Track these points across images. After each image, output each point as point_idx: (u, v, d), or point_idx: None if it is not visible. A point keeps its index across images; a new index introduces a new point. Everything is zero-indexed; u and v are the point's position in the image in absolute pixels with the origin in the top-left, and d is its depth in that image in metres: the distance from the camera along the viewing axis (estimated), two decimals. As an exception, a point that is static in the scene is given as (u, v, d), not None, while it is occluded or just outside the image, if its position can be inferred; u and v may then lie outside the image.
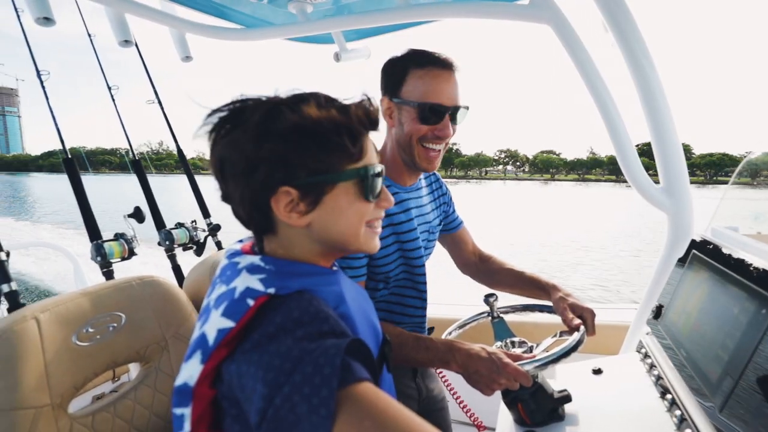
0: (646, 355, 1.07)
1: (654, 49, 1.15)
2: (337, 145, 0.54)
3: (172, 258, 1.58)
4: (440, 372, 1.29)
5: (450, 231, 1.31)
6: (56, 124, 1.45)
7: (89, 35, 1.64)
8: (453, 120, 0.99)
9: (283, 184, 0.53)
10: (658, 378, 0.95)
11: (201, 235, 1.64)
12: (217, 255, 1.41)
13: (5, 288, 1.04)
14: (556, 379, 1.08)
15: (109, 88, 1.65)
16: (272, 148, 0.52)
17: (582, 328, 0.99)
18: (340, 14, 1.66)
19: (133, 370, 2.21)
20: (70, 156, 1.41)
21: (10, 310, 1.04)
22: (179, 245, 1.58)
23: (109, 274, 1.35)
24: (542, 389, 0.91)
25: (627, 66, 1.14)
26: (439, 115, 0.96)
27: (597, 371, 1.09)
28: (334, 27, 1.61)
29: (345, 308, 0.57)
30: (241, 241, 0.66)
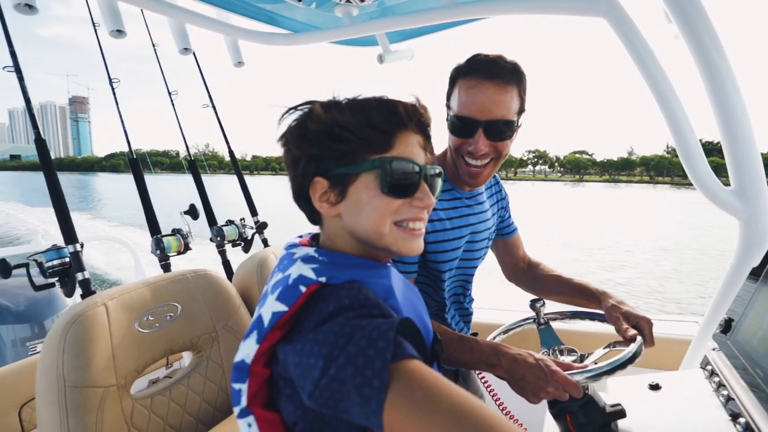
0: (712, 373, 0.98)
1: (725, 38, 1.05)
2: (359, 138, 0.56)
3: (222, 253, 1.66)
4: (482, 376, 1.26)
5: (503, 236, 1.27)
6: (124, 128, 1.58)
7: (153, 45, 1.77)
8: (489, 135, 0.92)
9: (315, 175, 0.58)
10: (728, 399, 0.86)
11: (249, 233, 1.71)
12: (264, 252, 1.46)
13: (80, 276, 1.13)
14: (607, 393, 1.01)
15: (170, 93, 1.77)
16: (307, 143, 0.58)
17: (639, 338, 0.92)
18: (384, 16, 1.67)
19: (185, 357, 2.34)
20: (135, 157, 1.53)
21: (83, 296, 1.14)
22: (229, 241, 1.65)
23: (166, 267, 1.44)
24: (593, 402, 0.86)
25: (694, 58, 1.05)
26: (469, 128, 0.92)
27: (654, 386, 1.01)
28: (380, 29, 1.62)
29: (394, 301, 0.57)
30: (300, 236, 0.70)
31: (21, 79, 1.17)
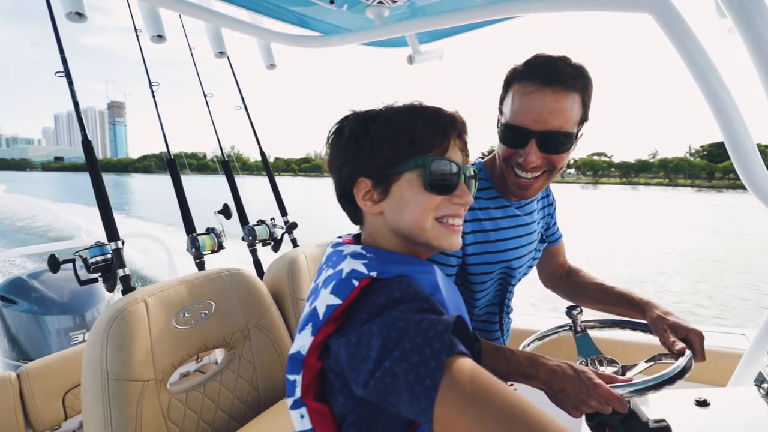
0: None
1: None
2: (398, 140, 0.61)
3: (254, 252, 1.70)
4: (513, 387, 1.22)
5: (547, 244, 1.21)
6: (162, 129, 1.63)
7: (190, 49, 1.83)
8: (543, 147, 0.84)
9: (360, 175, 0.62)
10: None
11: (278, 232, 1.73)
12: (294, 252, 1.48)
13: (121, 272, 1.18)
14: (649, 407, 0.96)
15: (205, 96, 1.83)
16: (353, 146, 0.62)
17: (688, 352, 0.86)
18: (415, 17, 1.66)
19: (215, 352, 2.40)
20: (172, 157, 1.58)
21: (123, 292, 1.18)
22: (260, 241, 1.68)
23: (200, 265, 1.48)
24: (636, 416, 0.81)
25: (750, 54, 0.98)
26: (521, 139, 0.84)
27: (702, 403, 0.95)
28: (410, 29, 1.61)
29: (440, 296, 0.59)
30: (340, 236, 0.72)
31: (70, 83, 1.23)
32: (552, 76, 0.81)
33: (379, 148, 0.61)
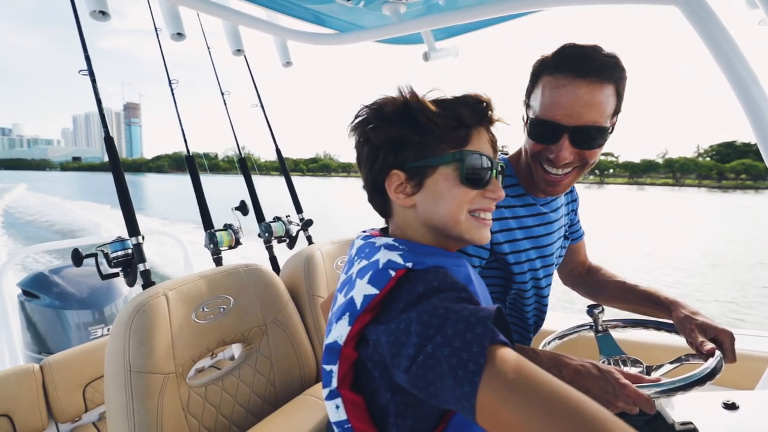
0: None
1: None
2: (437, 133, 0.60)
3: (269, 249, 1.70)
4: None
5: (570, 242, 1.18)
6: (181, 125, 1.65)
7: (208, 47, 1.85)
8: (576, 142, 0.81)
9: (393, 168, 0.62)
10: None
11: (294, 229, 1.74)
12: (311, 248, 1.48)
13: (141, 267, 1.19)
14: (674, 409, 0.93)
15: (222, 94, 1.84)
16: (386, 138, 0.62)
17: (718, 353, 0.84)
18: (431, 13, 1.65)
19: (230, 348, 2.42)
20: (190, 155, 1.60)
21: (144, 287, 1.19)
22: (275, 237, 1.69)
23: (218, 261, 1.49)
24: (661, 418, 0.79)
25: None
26: (553, 134, 0.80)
27: (730, 405, 0.92)
28: (426, 26, 1.59)
29: (473, 288, 0.59)
30: (364, 231, 0.71)
31: (93, 81, 1.25)
32: (586, 67, 0.76)
33: (417, 139, 0.60)
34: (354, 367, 0.56)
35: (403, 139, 0.61)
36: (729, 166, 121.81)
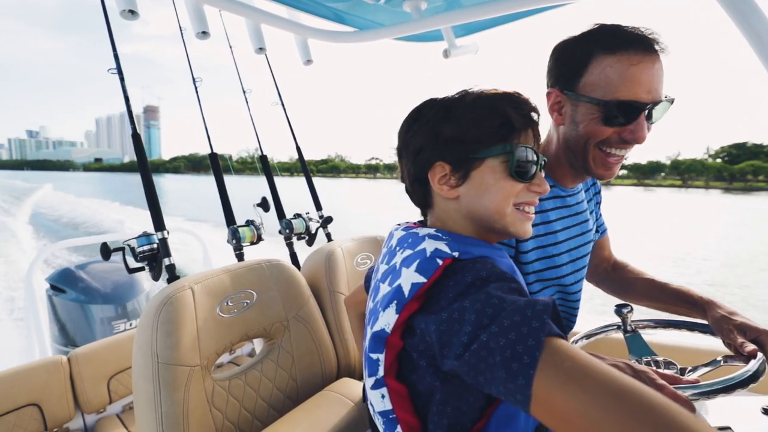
0: None
1: None
2: (484, 127, 0.60)
3: (290, 246, 1.71)
4: None
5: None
6: (204, 122, 1.67)
7: (230, 46, 1.87)
8: (650, 118, 0.77)
9: (438, 159, 0.62)
10: None
11: (313, 226, 1.74)
12: (331, 245, 1.48)
13: (166, 261, 1.20)
14: (708, 414, 0.89)
15: (244, 92, 1.86)
16: (433, 129, 0.62)
17: (760, 355, 0.80)
18: (451, 9, 1.63)
19: (248, 345, 2.44)
20: (214, 152, 1.62)
21: (169, 281, 1.20)
22: (296, 234, 1.70)
23: (240, 257, 1.50)
24: None
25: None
26: (632, 114, 0.75)
27: None
28: (447, 22, 1.57)
29: (518, 279, 0.58)
30: (399, 223, 0.72)
31: (122, 79, 1.27)
32: (650, 42, 0.74)
33: (462, 133, 0.61)
34: (398, 356, 0.56)
35: (451, 131, 0.61)
36: (737, 168, 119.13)
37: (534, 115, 0.64)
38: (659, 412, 0.34)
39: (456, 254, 0.55)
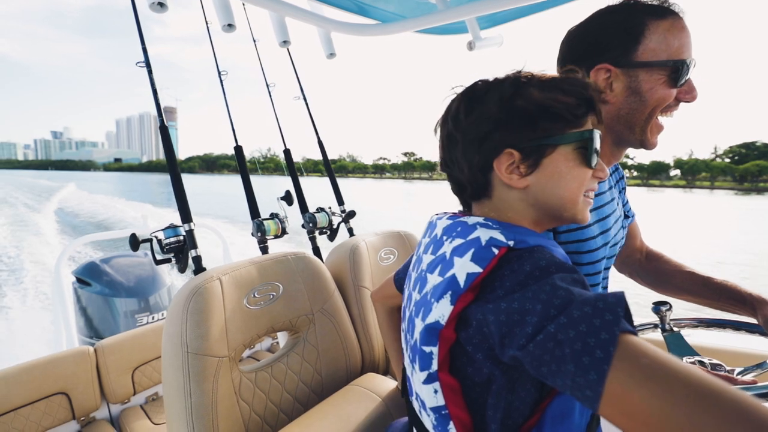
0: None
1: None
2: (557, 112, 0.56)
3: (313, 240, 1.70)
4: None
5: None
6: (229, 115, 1.67)
7: (254, 41, 1.87)
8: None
9: (507, 147, 0.56)
10: None
11: (336, 221, 1.72)
12: (355, 239, 1.45)
13: (193, 253, 1.20)
14: None
15: (267, 86, 1.86)
16: (501, 116, 0.56)
17: None
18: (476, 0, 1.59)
19: (268, 340, 2.44)
20: (239, 145, 1.62)
21: (195, 272, 1.20)
22: (318, 228, 1.68)
23: (264, 250, 1.49)
24: None
25: None
26: (686, 73, 0.77)
27: None
28: (471, 13, 1.54)
29: (578, 270, 0.54)
30: (438, 213, 0.68)
31: (150, 72, 1.27)
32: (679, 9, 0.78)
33: (537, 117, 0.55)
34: (450, 350, 0.53)
35: (524, 116, 0.56)
36: (743, 168, 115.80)
37: (597, 95, 0.60)
38: (756, 416, 0.31)
39: (511, 243, 0.52)
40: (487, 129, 0.57)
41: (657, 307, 1.02)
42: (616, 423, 0.38)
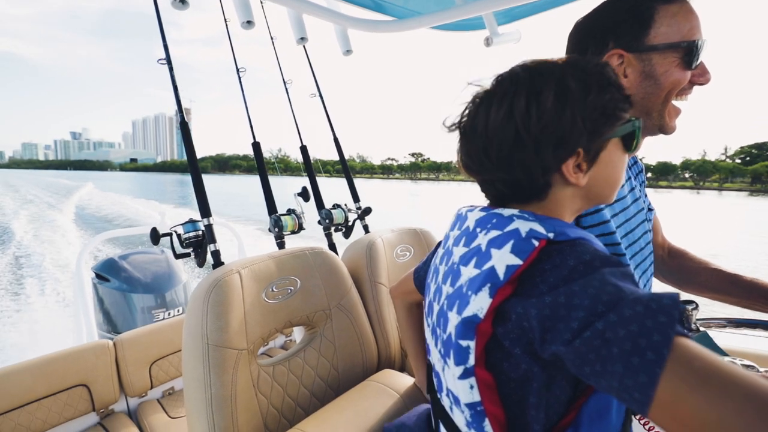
0: None
1: None
2: (622, 107, 0.54)
3: (329, 236, 1.69)
4: None
5: None
6: (247, 111, 1.67)
7: (272, 38, 1.88)
8: None
9: (579, 147, 0.53)
10: None
11: (351, 217, 1.72)
12: (371, 236, 1.44)
13: (212, 247, 1.20)
14: None
15: (285, 83, 1.86)
16: (581, 111, 0.51)
17: None
18: (495, -6, 1.56)
19: (281, 337, 2.45)
20: (256, 141, 1.62)
21: (214, 267, 1.20)
22: (334, 225, 1.67)
23: (281, 245, 1.49)
24: None
25: None
26: (699, 54, 0.76)
27: None
28: (489, 8, 1.51)
29: (624, 263, 0.52)
30: (466, 206, 0.66)
31: (171, 68, 1.28)
32: None
33: (610, 115, 0.52)
34: (485, 345, 0.51)
35: (601, 111, 0.52)
36: (751, 169, 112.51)
37: None
38: None
39: (551, 235, 0.49)
40: (568, 127, 0.51)
41: (682, 305, 0.99)
42: (667, 428, 0.36)
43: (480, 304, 0.50)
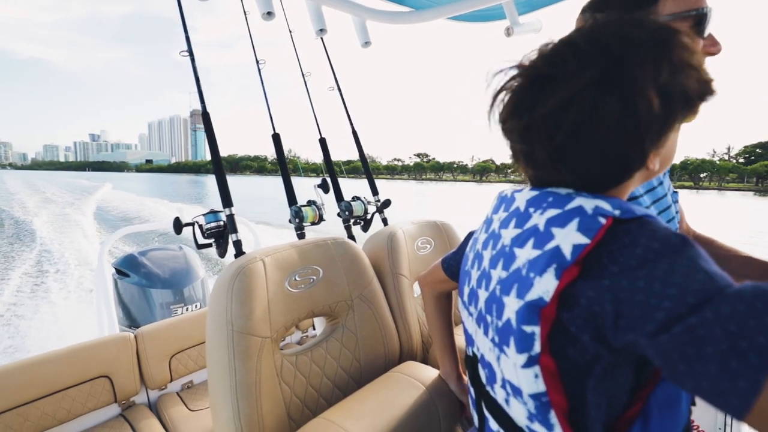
0: None
1: None
2: (690, 78, 0.47)
3: (348, 228, 1.67)
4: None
5: None
6: (267, 104, 1.66)
7: (290, 31, 1.86)
8: None
9: (670, 131, 0.48)
10: None
11: (371, 210, 1.69)
12: (392, 227, 1.42)
13: (233, 237, 1.19)
14: None
15: (303, 75, 1.85)
16: (671, 102, 0.45)
17: None
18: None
19: (297, 333, 2.44)
20: (276, 133, 1.61)
21: (236, 256, 1.19)
22: (354, 217, 1.65)
23: (301, 236, 1.47)
24: None
25: None
26: (709, 23, 0.73)
27: None
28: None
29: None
30: (508, 190, 0.62)
31: (193, 60, 1.28)
32: None
33: (694, 98, 0.47)
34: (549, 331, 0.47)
35: (686, 100, 0.46)
36: (750, 169, 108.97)
37: None
38: None
39: (617, 213, 0.45)
40: (665, 116, 0.45)
41: None
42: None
43: (546, 286, 0.45)
